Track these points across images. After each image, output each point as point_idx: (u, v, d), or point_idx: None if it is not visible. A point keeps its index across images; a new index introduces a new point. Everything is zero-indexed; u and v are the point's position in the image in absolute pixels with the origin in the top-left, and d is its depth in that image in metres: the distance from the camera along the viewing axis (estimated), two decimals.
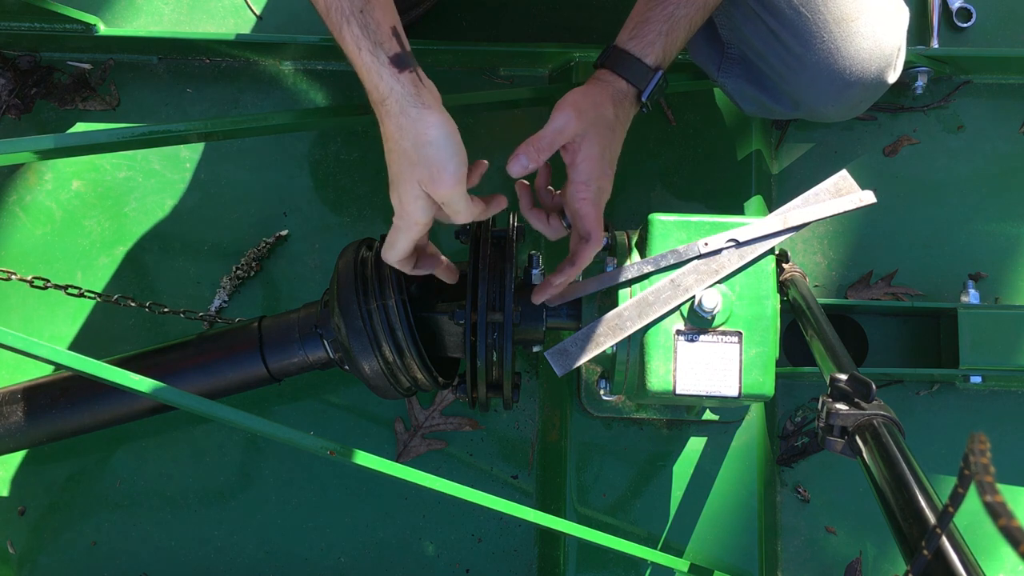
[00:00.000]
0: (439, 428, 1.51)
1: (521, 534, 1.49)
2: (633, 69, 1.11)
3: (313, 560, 1.49)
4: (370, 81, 0.97)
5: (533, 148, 1.06)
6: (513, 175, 1.06)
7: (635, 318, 1.12)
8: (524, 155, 1.06)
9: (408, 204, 1.00)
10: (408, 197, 0.99)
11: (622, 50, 1.12)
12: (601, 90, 1.10)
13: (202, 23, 1.67)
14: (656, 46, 1.11)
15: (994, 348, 1.41)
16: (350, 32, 0.96)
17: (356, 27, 0.96)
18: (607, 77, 1.12)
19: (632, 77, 1.11)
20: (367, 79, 0.97)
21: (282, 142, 1.61)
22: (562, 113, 1.07)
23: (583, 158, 1.08)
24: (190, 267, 1.57)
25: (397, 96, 0.96)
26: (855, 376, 0.89)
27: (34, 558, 1.49)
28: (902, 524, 0.73)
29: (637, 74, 1.11)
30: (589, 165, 1.08)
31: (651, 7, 1.12)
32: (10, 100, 1.62)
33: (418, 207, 1.00)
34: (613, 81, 1.11)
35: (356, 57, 0.97)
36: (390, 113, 0.97)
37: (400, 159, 0.98)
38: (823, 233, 1.58)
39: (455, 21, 1.65)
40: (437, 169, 0.97)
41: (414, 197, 0.99)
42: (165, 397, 1.16)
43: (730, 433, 1.44)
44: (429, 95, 0.98)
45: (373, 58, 0.96)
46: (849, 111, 1.31)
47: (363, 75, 0.97)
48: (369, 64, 0.96)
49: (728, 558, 1.40)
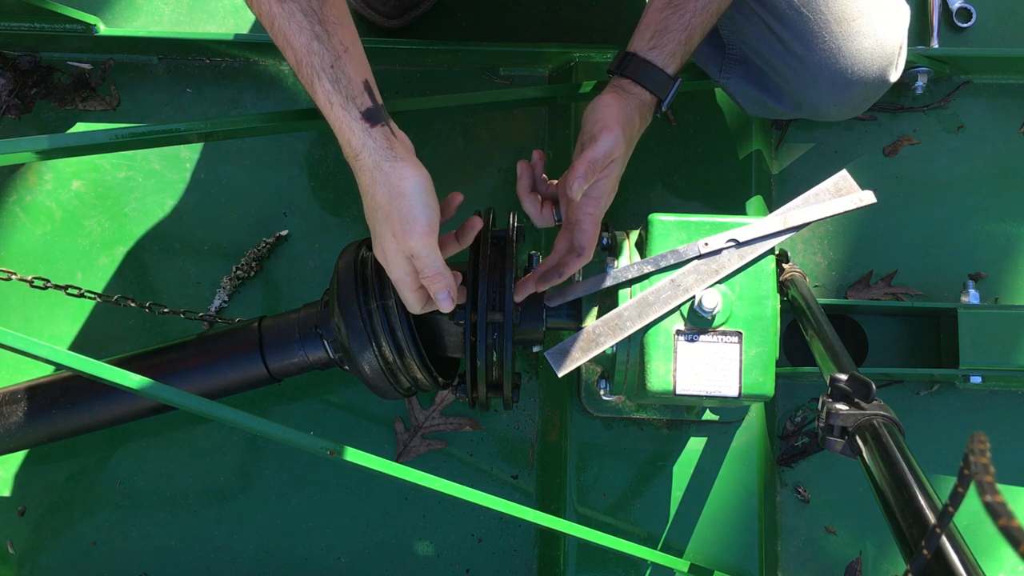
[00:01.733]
0: (439, 428, 1.51)
1: (521, 534, 1.49)
2: (656, 80, 1.13)
3: (313, 560, 1.49)
4: (343, 135, 0.98)
5: (591, 170, 1.06)
6: (574, 197, 1.06)
7: (635, 318, 1.12)
8: (583, 177, 1.06)
9: (390, 258, 1.01)
10: (389, 251, 1.01)
11: (644, 60, 1.13)
12: (630, 103, 1.12)
13: (202, 23, 1.67)
14: (677, 56, 1.13)
15: (994, 348, 1.41)
16: (321, 87, 0.97)
17: (327, 82, 0.97)
18: (632, 89, 1.13)
19: (655, 88, 1.13)
20: (340, 133, 0.98)
21: (282, 142, 1.61)
22: (612, 135, 1.08)
23: (607, 176, 1.10)
24: (190, 267, 1.57)
25: (370, 150, 0.98)
26: (855, 376, 0.89)
27: (34, 558, 1.49)
28: (902, 524, 0.73)
29: (660, 84, 1.13)
30: (608, 184, 1.11)
31: (668, 16, 1.12)
32: (10, 100, 1.62)
33: (399, 260, 1.01)
34: (639, 93, 1.13)
35: (328, 111, 0.98)
36: (364, 167, 0.99)
37: (375, 212, 1.00)
38: (823, 233, 1.58)
39: (455, 21, 1.65)
40: (408, 221, 0.98)
41: (394, 251, 1.00)
42: (165, 397, 1.16)
43: (730, 433, 1.44)
44: (401, 147, 1.00)
45: (345, 113, 0.97)
46: (851, 110, 1.31)
47: (336, 129, 0.99)
48: (341, 119, 0.97)
49: (728, 558, 1.40)
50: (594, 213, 1.11)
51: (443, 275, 1.01)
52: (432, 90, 1.63)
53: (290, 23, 0.96)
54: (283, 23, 0.97)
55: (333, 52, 0.97)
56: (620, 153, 1.09)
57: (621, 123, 1.09)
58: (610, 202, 1.14)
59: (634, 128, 1.12)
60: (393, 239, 0.99)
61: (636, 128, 1.13)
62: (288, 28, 0.97)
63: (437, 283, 1.02)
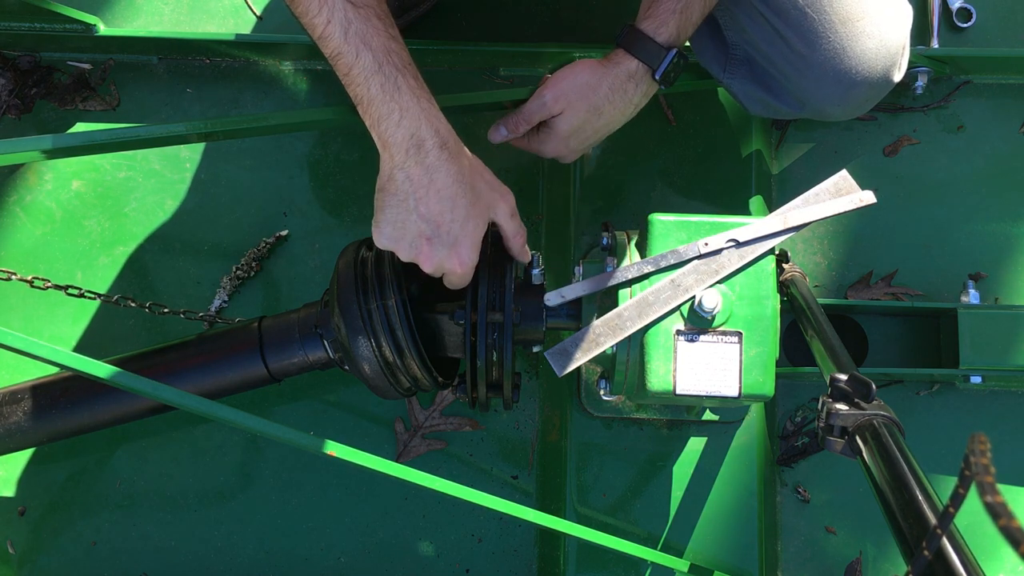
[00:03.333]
0: (439, 428, 1.51)
1: (521, 534, 1.49)
2: (645, 48, 1.15)
3: (313, 560, 1.49)
4: (430, 126, 1.03)
5: (513, 121, 1.23)
6: (493, 142, 1.26)
7: (635, 318, 1.12)
8: (504, 126, 1.24)
9: (475, 235, 1.06)
10: (478, 229, 1.07)
11: (636, 29, 1.16)
12: (603, 72, 1.17)
13: (202, 23, 1.67)
14: (670, 24, 1.14)
15: (994, 348, 1.41)
16: (406, 83, 1.03)
17: (411, 78, 1.03)
18: (618, 58, 1.17)
19: (644, 56, 1.16)
20: (427, 125, 1.02)
21: (282, 142, 1.61)
22: (547, 91, 1.19)
23: (556, 131, 1.22)
24: (190, 267, 1.57)
25: (455, 137, 1.06)
26: (855, 376, 0.89)
27: (34, 558, 1.49)
28: (902, 524, 0.73)
29: (649, 53, 1.15)
30: (555, 140, 1.22)
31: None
32: (10, 100, 1.62)
33: (480, 236, 1.07)
34: (623, 62, 1.16)
35: (414, 105, 1.02)
36: (452, 153, 1.04)
37: (464, 193, 1.04)
38: (823, 233, 1.58)
39: (455, 21, 1.65)
40: (499, 185, 1.10)
41: (481, 225, 1.07)
42: (165, 397, 1.16)
43: (730, 433, 1.44)
44: None
45: (431, 105, 1.05)
46: (855, 110, 1.31)
47: (420, 123, 1.02)
48: (429, 111, 1.04)
49: (728, 558, 1.40)
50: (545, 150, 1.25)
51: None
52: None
53: (367, 26, 1.01)
54: (361, 26, 1.01)
55: (408, 54, 1.04)
56: (550, 110, 1.19)
57: (561, 87, 1.18)
58: (563, 155, 1.26)
59: (590, 95, 1.17)
60: (485, 211, 1.07)
61: (599, 97, 1.17)
62: (367, 31, 1.01)
63: (523, 234, 1.14)
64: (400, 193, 1.03)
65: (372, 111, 1.02)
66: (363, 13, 1.01)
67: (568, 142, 1.23)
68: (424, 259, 1.06)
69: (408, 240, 1.05)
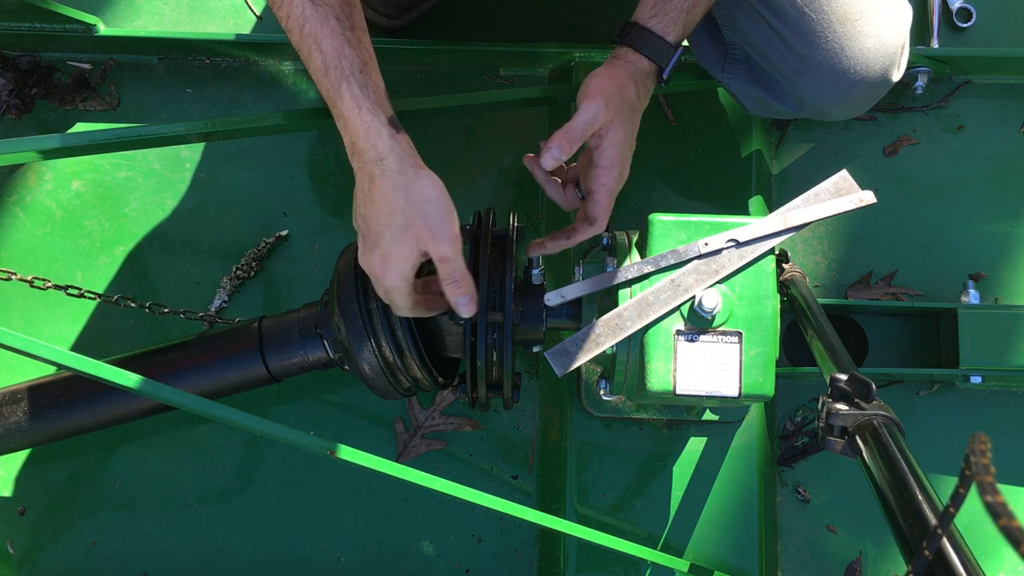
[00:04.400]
0: (439, 428, 1.51)
1: (521, 534, 1.49)
2: (656, 47, 1.13)
3: (313, 560, 1.49)
4: (368, 140, 0.99)
5: (566, 140, 1.07)
6: (547, 167, 1.09)
7: (635, 318, 1.12)
8: (557, 147, 1.07)
9: (399, 261, 1.01)
10: (401, 254, 1.01)
11: (644, 27, 1.13)
12: (624, 71, 1.13)
13: (202, 23, 1.67)
14: (678, 24, 1.13)
15: (994, 348, 1.41)
16: (349, 91, 0.98)
17: (356, 87, 0.99)
18: (629, 56, 1.14)
19: (655, 55, 1.13)
20: (364, 138, 0.99)
21: (282, 142, 1.61)
22: (592, 103, 1.08)
23: (609, 144, 1.10)
24: (190, 267, 1.57)
25: (396, 156, 0.99)
26: (855, 376, 0.89)
27: (34, 558, 1.49)
28: (902, 524, 0.73)
29: (660, 52, 1.13)
30: (614, 152, 1.11)
31: None
32: (10, 100, 1.62)
33: (409, 263, 1.01)
34: (636, 60, 1.13)
35: (355, 116, 0.99)
36: (387, 172, 0.99)
37: (391, 217, 1.00)
38: (823, 233, 1.58)
39: (455, 21, 1.65)
40: (438, 225, 1.00)
41: (408, 253, 1.01)
42: (165, 397, 1.16)
43: (730, 433, 1.44)
44: (419, 158, 1.03)
45: (373, 118, 0.99)
46: (854, 110, 1.31)
47: (358, 134, 0.99)
48: (368, 123, 0.99)
49: (728, 558, 1.40)
50: (607, 184, 1.12)
51: (468, 278, 1.03)
52: (432, 90, 1.63)
53: (323, 27, 0.99)
54: (315, 26, 0.99)
55: (361, 58, 1.00)
56: (604, 121, 1.08)
57: (606, 92, 1.09)
58: (625, 172, 1.13)
59: (628, 96, 1.11)
60: (413, 243, 1.00)
61: (632, 96, 1.12)
62: (320, 31, 0.99)
63: (463, 287, 1.03)
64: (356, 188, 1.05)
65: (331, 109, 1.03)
66: (321, 12, 0.99)
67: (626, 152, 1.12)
68: (360, 254, 1.05)
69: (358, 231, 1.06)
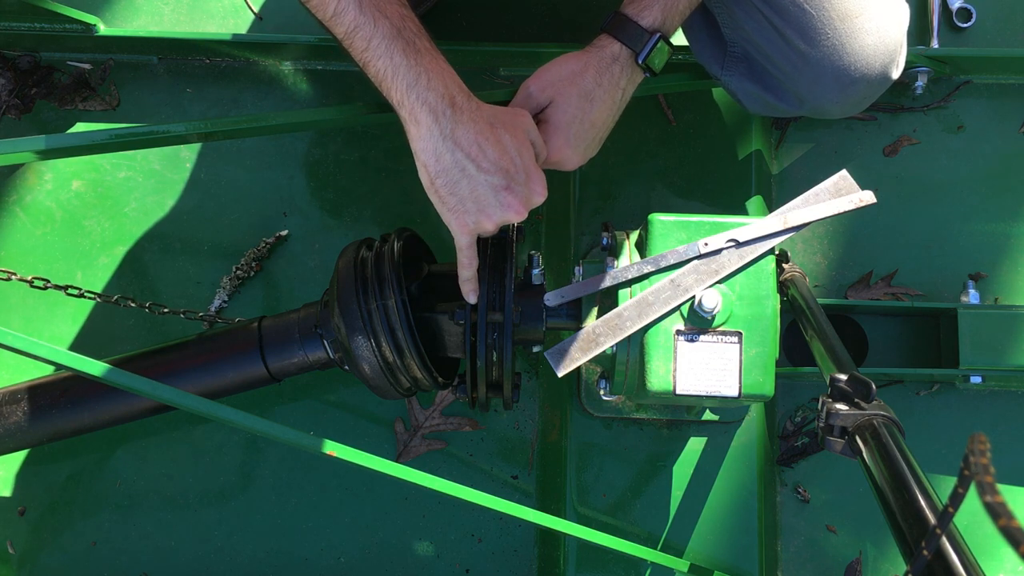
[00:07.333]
0: (439, 428, 1.51)
1: (521, 534, 1.49)
2: (628, 31, 1.14)
3: (313, 560, 1.49)
4: (455, 83, 1.04)
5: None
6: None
7: (635, 318, 1.12)
8: None
9: (530, 154, 1.06)
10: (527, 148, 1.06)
11: (619, 13, 1.15)
12: (586, 57, 1.15)
13: (202, 23, 1.67)
14: (654, 8, 1.13)
15: (994, 348, 1.41)
16: (424, 46, 1.02)
17: (427, 41, 1.04)
18: (600, 42, 1.15)
19: (627, 39, 1.14)
20: (451, 83, 1.03)
21: (282, 142, 1.61)
22: (532, 82, 1.15)
23: (547, 119, 1.15)
24: (190, 267, 1.57)
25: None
26: (855, 376, 0.89)
27: (34, 558, 1.49)
28: (902, 524, 0.73)
29: (632, 36, 1.14)
30: (549, 127, 1.14)
31: None
32: (10, 100, 1.62)
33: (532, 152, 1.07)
34: (606, 45, 1.15)
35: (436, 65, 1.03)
36: (477, 101, 1.05)
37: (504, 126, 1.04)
38: (823, 233, 1.58)
39: (455, 21, 1.65)
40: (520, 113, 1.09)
41: (529, 145, 1.06)
42: (165, 397, 1.16)
43: (730, 433, 1.44)
44: None
45: (448, 65, 1.05)
46: (853, 108, 1.31)
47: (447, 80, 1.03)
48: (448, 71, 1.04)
49: (728, 558, 1.40)
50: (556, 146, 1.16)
51: None
52: None
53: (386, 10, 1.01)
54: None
55: (416, 18, 1.04)
56: (536, 103, 1.14)
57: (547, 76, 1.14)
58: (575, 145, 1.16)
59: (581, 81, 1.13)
60: (520, 122, 1.06)
61: (588, 81, 1.13)
62: (379, 1, 1.00)
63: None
64: (454, 171, 1.01)
65: (399, 80, 1.00)
66: None
67: (569, 137, 1.15)
68: (513, 210, 1.04)
69: (492, 204, 1.03)
